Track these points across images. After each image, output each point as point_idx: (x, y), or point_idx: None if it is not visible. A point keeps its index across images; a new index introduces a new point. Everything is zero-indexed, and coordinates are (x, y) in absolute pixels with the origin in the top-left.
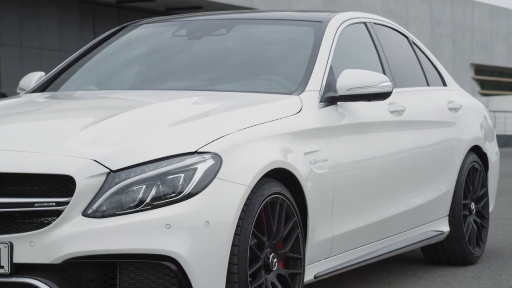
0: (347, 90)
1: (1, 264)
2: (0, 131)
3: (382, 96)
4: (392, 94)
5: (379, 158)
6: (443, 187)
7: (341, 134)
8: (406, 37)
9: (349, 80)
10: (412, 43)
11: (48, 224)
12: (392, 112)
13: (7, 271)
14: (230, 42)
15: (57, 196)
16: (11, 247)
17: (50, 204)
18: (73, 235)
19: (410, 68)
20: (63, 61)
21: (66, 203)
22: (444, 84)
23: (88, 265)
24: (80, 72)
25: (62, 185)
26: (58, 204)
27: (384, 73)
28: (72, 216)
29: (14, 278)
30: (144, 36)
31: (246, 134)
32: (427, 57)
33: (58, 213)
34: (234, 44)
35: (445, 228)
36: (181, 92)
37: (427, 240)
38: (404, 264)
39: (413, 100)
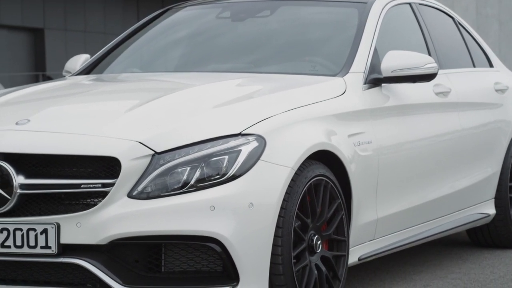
0: (391, 72)
1: (49, 245)
2: (46, 113)
3: (427, 77)
4: (437, 76)
5: (424, 140)
6: (489, 169)
7: (386, 116)
8: (452, 17)
9: (394, 61)
10: (457, 24)
11: (94, 205)
12: (437, 93)
13: (54, 252)
14: (273, 24)
15: (103, 177)
16: (58, 227)
17: (96, 185)
18: (118, 216)
19: (455, 49)
20: (107, 44)
21: (112, 184)
22: (491, 65)
23: (134, 246)
24: (125, 54)
25: (108, 166)
26: (104, 185)
27: (430, 54)
28: (117, 198)
29: (61, 258)
30: (188, 18)
31: (290, 116)
32: (473, 38)
33: (104, 195)
34: (278, 26)
35: (491, 210)
36: (225, 74)
37: (473, 222)
38: (449, 247)
39: (459, 81)
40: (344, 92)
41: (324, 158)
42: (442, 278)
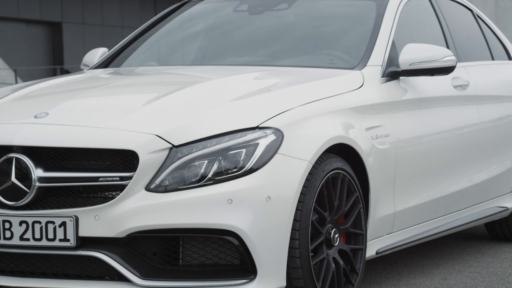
0: (409, 65)
1: (67, 237)
2: (65, 106)
3: (446, 70)
4: (455, 69)
5: (442, 134)
6: (508, 162)
7: (404, 109)
8: (470, 10)
9: (412, 54)
10: (476, 16)
11: (112, 198)
12: (455, 86)
13: (73, 244)
14: (291, 17)
15: (121, 171)
16: (76, 220)
17: (114, 178)
18: (136, 210)
19: (474, 41)
20: (124, 37)
21: (130, 177)
22: (510, 58)
23: (151, 239)
24: (142, 48)
25: (126, 160)
26: (121, 178)
27: (448, 47)
28: (135, 191)
29: (80, 251)
30: (205, 11)
31: (308, 109)
32: (492, 30)
33: (121, 188)
34: (295, 19)
35: (510, 204)
36: (242, 67)
37: (491, 216)
38: (467, 240)
39: (478, 74)
40: (361, 85)
41: (342, 151)
42: (460, 271)
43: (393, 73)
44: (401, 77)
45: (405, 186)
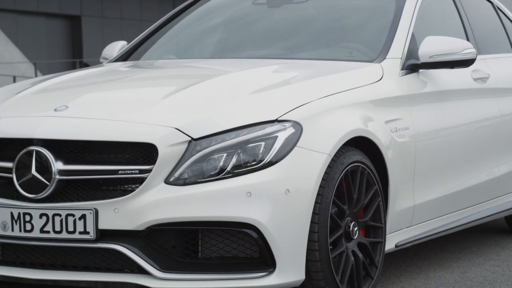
0: (429, 57)
1: (87, 230)
2: (84, 99)
3: (466, 63)
4: (475, 61)
5: (462, 127)
6: None
7: (423, 102)
8: (491, 2)
9: (432, 47)
10: (496, 9)
11: (132, 191)
12: (475, 79)
13: (92, 237)
14: (310, 10)
15: (140, 163)
16: (96, 213)
17: (133, 171)
18: (155, 202)
19: (494, 34)
20: (143, 31)
21: (149, 170)
22: None
23: (171, 232)
24: (161, 41)
25: (145, 153)
26: (141, 171)
27: (468, 40)
28: (154, 184)
29: (99, 243)
30: (224, 4)
31: (327, 102)
32: None
33: (141, 181)
34: (314, 12)
35: None
36: (261, 60)
37: (511, 209)
38: (487, 234)
39: (498, 67)
40: (381, 78)
41: (361, 144)
42: (480, 265)
43: (412, 66)
44: (420, 70)
45: (424, 179)
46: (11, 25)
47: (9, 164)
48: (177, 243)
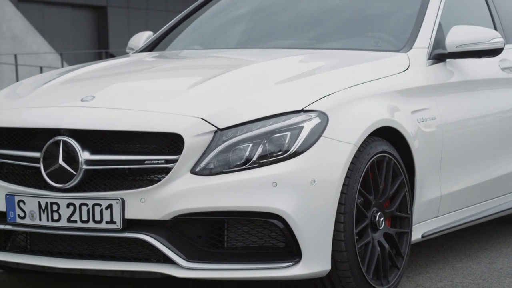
0: (456, 47)
1: (114, 220)
2: (111, 90)
3: (493, 52)
4: (503, 51)
5: (489, 117)
6: None
7: (450, 92)
8: None
9: (459, 36)
10: None
11: (158, 181)
12: (503, 69)
13: (119, 227)
14: (336, 0)
15: (166, 153)
16: (122, 203)
17: (159, 161)
18: (181, 192)
19: None
20: (168, 21)
21: (175, 160)
22: None
23: (197, 221)
24: (187, 31)
25: (171, 143)
26: (167, 161)
27: (495, 29)
28: (180, 174)
29: (126, 233)
30: None
31: (353, 92)
32: None
33: (167, 171)
34: (340, 1)
35: None
36: (287, 50)
37: None
38: None
39: None
40: (407, 68)
41: (387, 134)
42: (507, 255)
43: (439, 56)
44: (447, 60)
45: (451, 170)
46: (37, 16)
47: (36, 154)
48: (203, 233)
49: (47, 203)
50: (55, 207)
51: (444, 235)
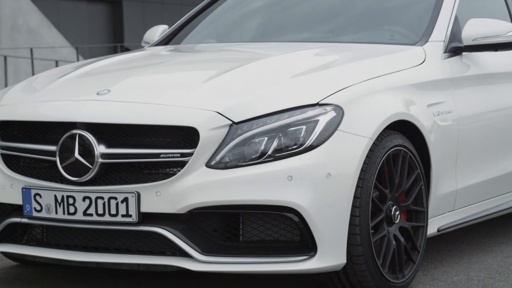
0: (473, 40)
1: (129, 213)
2: (126, 83)
3: (510, 45)
4: None
5: (506, 110)
6: None
7: (466, 86)
8: None
9: (475, 29)
10: None
11: (173, 174)
12: None
13: (134, 220)
14: None
15: (182, 147)
16: (138, 196)
17: (175, 155)
18: (197, 186)
19: None
20: (183, 15)
21: (190, 154)
22: None
23: (212, 215)
24: (202, 25)
25: (186, 136)
26: (182, 155)
27: None
28: (196, 167)
29: (142, 226)
30: None
31: (368, 85)
32: None
33: (182, 164)
34: None
35: None
36: (302, 44)
37: None
38: None
39: None
40: (423, 61)
41: (403, 128)
42: None
43: (455, 49)
44: (463, 53)
45: (467, 163)
46: (53, 10)
47: (52, 148)
48: (219, 227)
49: (63, 196)
50: (71, 201)
51: (459, 229)
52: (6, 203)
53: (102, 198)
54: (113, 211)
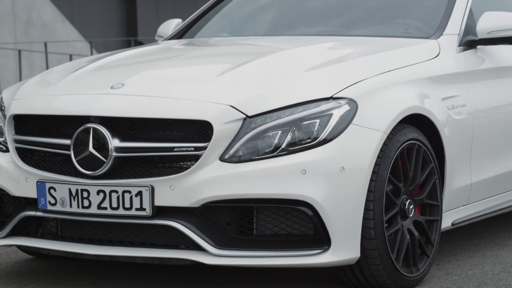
0: (487, 33)
1: (143, 207)
2: (140, 77)
3: None
4: None
5: None
6: None
7: (481, 79)
8: None
9: (490, 22)
10: None
11: (187, 168)
12: None
13: (149, 214)
14: None
15: (195, 141)
16: (152, 190)
17: (188, 149)
18: (211, 180)
19: None
20: (197, 9)
21: (204, 148)
22: None
23: (226, 209)
24: (216, 19)
25: (200, 130)
26: (196, 149)
27: None
28: (209, 161)
29: (156, 220)
30: None
31: (382, 79)
32: None
33: (196, 158)
34: None
35: None
36: (316, 37)
37: None
38: None
39: None
40: (437, 55)
41: (417, 121)
42: None
43: (470, 42)
44: (478, 46)
45: (481, 157)
46: (67, 4)
47: (67, 141)
48: (232, 220)
49: (77, 189)
50: (85, 194)
51: (474, 223)
52: (21, 196)
53: (116, 191)
54: (127, 205)
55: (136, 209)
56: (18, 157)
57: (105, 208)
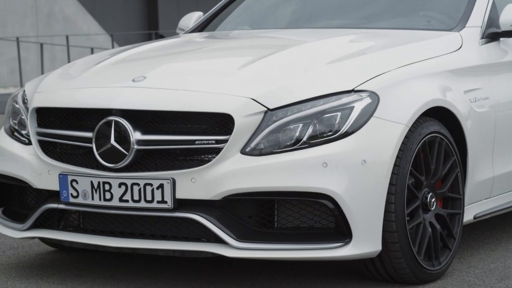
0: (510, 26)
1: (165, 199)
2: (162, 70)
3: None
4: None
5: None
6: None
7: (504, 72)
8: None
9: None
10: None
11: (208, 161)
12: None
13: (170, 206)
14: None
15: (217, 134)
16: (173, 183)
17: (210, 141)
18: (232, 173)
19: None
20: (218, 2)
21: (225, 141)
22: None
23: (247, 202)
24: (237, 12)
25: (221, 123)
26: (217, 142)
27: None
28: (231, 154)
29: (177, 213)
30: None
31: (404, 72)
32: None
33: (217, 151)
34: None
35: None
36: (337, 30)
37: None
38: None
39: None
40: (460, 47)
41: (439, 114)
42: None
43: (493, 35)
44: (501, 39)
45: (504, 150)
46: None
47: (89, 134)
48: (253, 213)
49: (99, 182)
50: (107, 187)
51: (496, 217)
52: (43, 189)
53: (138, 184)
54: (149, 198)
55: (158, 202)
56: (40, 149)
57: (127, 201)
